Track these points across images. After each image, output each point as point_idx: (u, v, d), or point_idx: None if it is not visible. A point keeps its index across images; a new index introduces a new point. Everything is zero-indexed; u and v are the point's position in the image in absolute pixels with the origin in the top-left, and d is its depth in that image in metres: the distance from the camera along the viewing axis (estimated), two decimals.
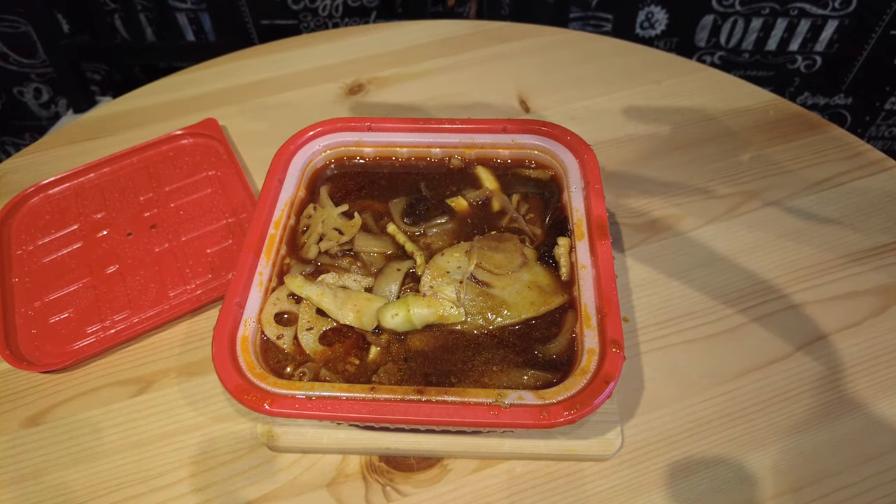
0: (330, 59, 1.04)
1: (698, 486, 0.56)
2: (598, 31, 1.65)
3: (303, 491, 0.57)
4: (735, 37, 1.61)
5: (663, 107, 0.92)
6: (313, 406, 0.49)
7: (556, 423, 0.47)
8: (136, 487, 0.58)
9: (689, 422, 0.59)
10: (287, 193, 0.65)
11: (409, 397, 0.49)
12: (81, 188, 0.84)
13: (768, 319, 0.66)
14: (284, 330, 0.57)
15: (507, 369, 0.53)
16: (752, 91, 0.93)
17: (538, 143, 0.68)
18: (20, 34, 1.70)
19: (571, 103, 0.93)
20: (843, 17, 1.52)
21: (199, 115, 0.92)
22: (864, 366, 0.62)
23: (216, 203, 0.81)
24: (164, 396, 0.64)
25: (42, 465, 0.60)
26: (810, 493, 0.55)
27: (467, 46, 1.04)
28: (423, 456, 0.58)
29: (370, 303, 0.57)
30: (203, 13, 1.71)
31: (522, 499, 0.55)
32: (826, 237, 0.74)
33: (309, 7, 1.68)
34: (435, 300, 0.56)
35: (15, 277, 0.74)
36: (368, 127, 0.70)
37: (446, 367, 0.54)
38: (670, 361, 0.64)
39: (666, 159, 0.84)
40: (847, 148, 0.84)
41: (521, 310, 0.57)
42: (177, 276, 0.73)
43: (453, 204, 0.66)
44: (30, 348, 0.68)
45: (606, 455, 0.57)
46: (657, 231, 0.76)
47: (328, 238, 0.63)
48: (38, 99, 1.89)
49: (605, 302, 0.53)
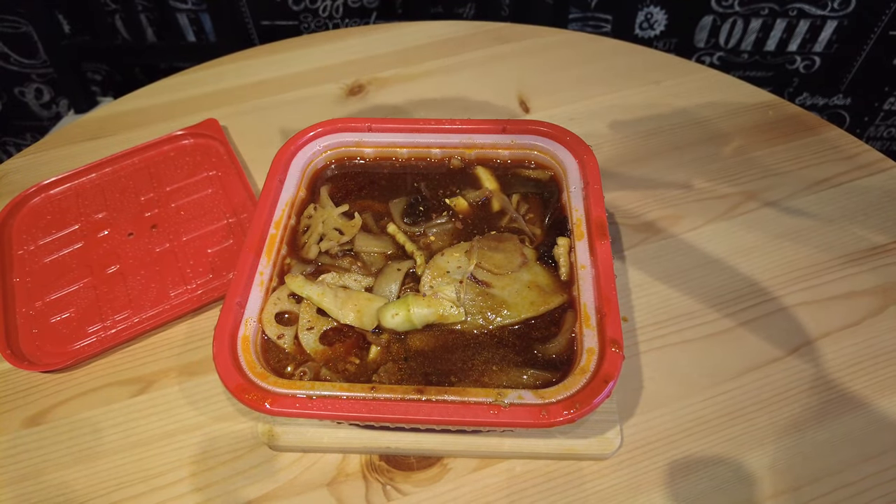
0: (330, 60, 1.04)
1: (697, 485, 0.56)
2: (597, 32, 1.66)
3: (303, 490, 0.57)
4: (734, 37, 1.61)
5: (662, 107, 0.92)
6: (314, 405, 0.49)
7: (555, 422, 0.47)
8: (136, 487, 0.58)
9: (688, 421, 0.60)
10: (287, 193, 0.65)
11: (409, 397, 0.49)
12: (82, 188, 0.84)
13: (767, 319, 0.67)
14: (285, 329, 0.57)
15: (506, 369, 0.54)
16: (751, 91, 0.93)
17: (538, 144, 0.68)
18: (21, 34, 1.70)
19: (571, 104, 0.93)
20: (843, 17, 1.52)
21: (200, 116, 0.92)
22: (863, 365, 0.63)
23: (217, 203, 0.81)
24: (165, 396, 0.64)
25: (42, 464, 0.60)
26: (809, 493, 0.55)
27: (467, 47, 1.04)
28: (423, 455, 0.58)
29: (370, 303, 0.57)
30: (203, 14, 1.71)
31: (522, 498, 0.56)
32: (824, 237, 0.74)
33: (309, 8, 1.68)
34: (435, 300, 0.56)
35: (16, 277, 0.74)
36: (369, 127, 0.70)
37: (446, 367, 0.54)
38: (669, 361, 0.64)
39: (665, 160, 0.84)
40: (846, 148, 0.84)
41: (521, 310, 0.57)
42: (177, 276, 0.73)
43: (453, 204, 0.67)
44: (30, 348, 0.68)
45: (606, 454, 0.57)
46: (656, 231, 0.76)
47: (328, 238, 0.63)
48: (39, 99, 1.89)
49: (605, 302, 0.53)
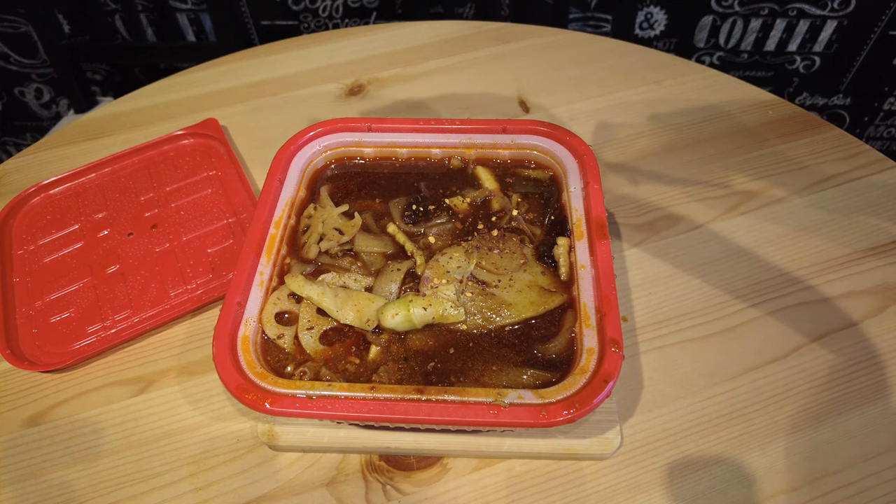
0: (330, 60, 1.04)
1: (697, 485, 0.56)
2: (597, 32, 1.66)
3: (303, 490, 0.57)
4: (734, 37, 1.61)
5: (662, 107, 0.92)
6: (314, 405, 0.49)
7: (555, 422, 0.47)
8: (136, 487, 0.58)
9: (687, 421, 0.60)
10: (287, 193, 0.65)
11: (409, 396, 0.49)
12: (82, 188, 0.84)
13: (767, 319, 0.67)
14: (285, 329, 0.57)
15: (506, 369, 0.54)
16: (751, 91, 0.93)
17: (538, 144, 0.68)
18: (21, 34, 1.70)
19: (571, 103, 0.93)
20: (842, 17, 1.52)
21: (200, 116, 0.92)
22: (863, 365, 0.63)
23: (217, 203, 0.81)
24: (165, 396, 0.64)
25: (42, 464, 0.60)
26: (809, 492, 0.55)
27: (467, 47, 1.04)
28: (423, 455, 0.58)
29: (370, 302, 0.57)
30: (204, 14, 1.72)
31: (522, 497, 0.56)
32: (824, 237, 0.74)
33: (309, 8, 1.68)
34: (435, 300, 0.56)
35: (16, 277, 0.74)
36: (368, 127, 0.70)
37: (446, 367, 0.54)
38: (669, 361, 0.64)
39: (665, 159, 0.84)
40: (845, 148, 0.84)
41: (522, 309, 0.57)
42: (177, 276, 0.73)
43: (453, 204, 0.67)
44: (31, 348, 0.68)
45: (605, 454, 0.57)
46: (656, 231, 0.76)
47: (328, 238, 0.63)
48: (39, 99, 1.89)
49: (605, 301, 0.53)
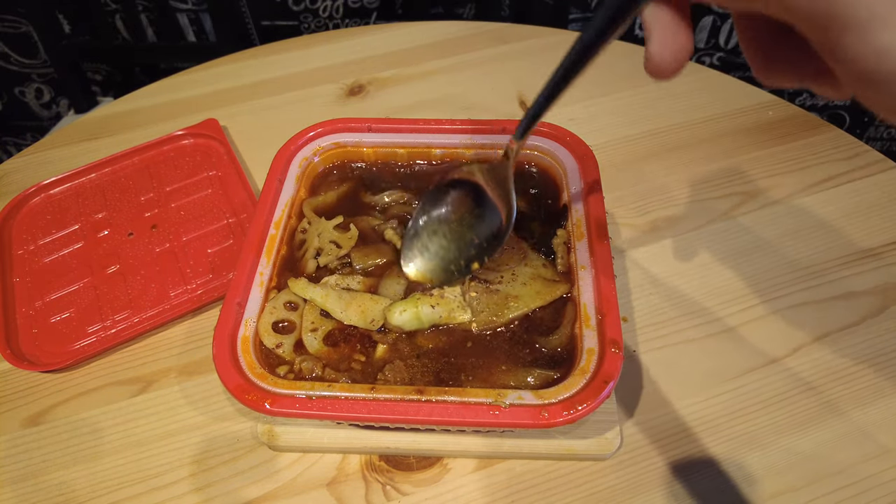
0: (330, 60, 1.04)
1: (697, 485, 0.56)
2: None
3: (303, 490, 0.57)
4: (734, 38, 1.61)
5: (663, 108, 0.92)
6: (314, 406, 0.49)
7: (555, 422, 0.47)
8: (136, 487, 0.58)
9: (688, 421, 0.60)
10: (288, 194, 0.65)
11: (409, 397, 0.49)
12: (82, 188, 0.84)
13: (767, 319, 0.67)
14: (283, 338, 0.56)
15: (514, 368, 0.54)
16: (752, 92, 0.93)
17: (538, 144, 0.68)
18: (21, 34, 1.70)
19: (571, 104, 0.93)
20: None
21: (200, 116, 0.92)
22: (863, 366, 0.63)
23: (217, 203, 0.81)
24: (165, 396, 0.64)
25: (42, 464, 0.60)
26: (809, 493, 0.55)
27: (467, 47, 1.04)
28: (423, 455, 0.58)
29: (375, 303, 0.57)
30: (204, 14, 1.72)
31: (522, 498, 0.56)
32: (824, 238, 0.74)
33: (309, 8, 1.68)
34: (442, 300, 0.57)
35: (16, 277, 0.74)
36: (368, 128, 0.70)
37: (453, 366, 0.54)
38: (669, 361, 0.64)
39: (665, 160, 0.84)
40: (846, 149, 0.84)
41: (529, 300, 0.57)
42: (177, 276, 0.73)
43: None
44: (30, 348, 0.68)
45: (605, 455, 0.57)
46: (656, 231, 0.76)
47: (326, 252, 0.62)
48: (40, 99, 1.89)
49: (605, 302, 0.53)
